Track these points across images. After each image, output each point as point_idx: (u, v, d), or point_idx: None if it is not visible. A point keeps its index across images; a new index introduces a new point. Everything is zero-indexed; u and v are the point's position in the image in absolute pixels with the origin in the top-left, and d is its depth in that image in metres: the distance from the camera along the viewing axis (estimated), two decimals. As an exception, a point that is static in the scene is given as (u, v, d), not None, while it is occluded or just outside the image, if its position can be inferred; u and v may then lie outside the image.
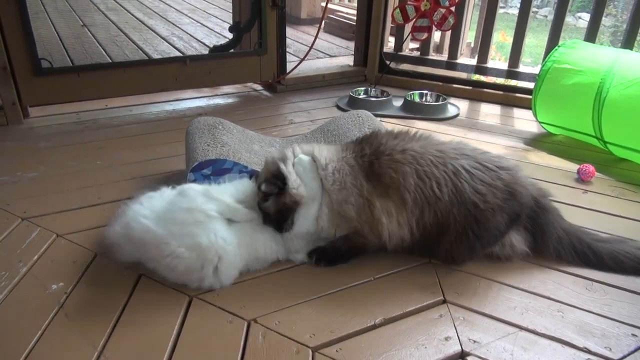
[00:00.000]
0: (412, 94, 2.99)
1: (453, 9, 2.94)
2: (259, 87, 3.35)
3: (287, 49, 3.41)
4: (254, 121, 2.70)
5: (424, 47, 3.42)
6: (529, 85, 2.99)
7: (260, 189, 1.45)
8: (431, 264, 1.53)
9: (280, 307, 1.33)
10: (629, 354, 1.21)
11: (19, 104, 2.58)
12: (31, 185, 1.97)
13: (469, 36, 4.93)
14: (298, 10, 5.53)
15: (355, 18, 3.76)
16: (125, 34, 4.49)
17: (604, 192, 1.99)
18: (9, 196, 1.86)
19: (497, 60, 5.23)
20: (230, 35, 3.36)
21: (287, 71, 3.28)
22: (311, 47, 3.41)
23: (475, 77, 3.54)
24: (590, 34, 2.79)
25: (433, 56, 3.48)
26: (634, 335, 1.26)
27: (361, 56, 3.52)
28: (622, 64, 2.20)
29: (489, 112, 2.97)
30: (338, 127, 2.06)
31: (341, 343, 1.22)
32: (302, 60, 3.36)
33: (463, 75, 3.41)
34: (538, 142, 2.52)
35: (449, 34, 3.62)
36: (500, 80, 3.24)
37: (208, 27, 5.07)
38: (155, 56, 3.76)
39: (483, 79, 3.54)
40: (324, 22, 4.14)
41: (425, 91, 3.04)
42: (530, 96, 2.58)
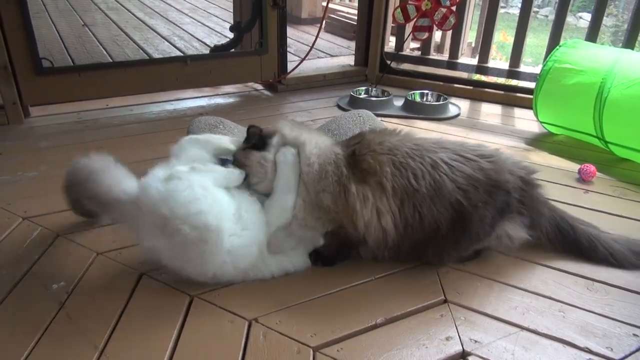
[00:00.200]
0: (413, 93, 2.99)
1: (454, 8, 2.94)
2: (259, 86, 3.35)
3: (288, 49, 3.41)
4: (254, 121, 2.68)
5: (425, 46, 3.42)
6: (530, 85, 2.99)
7: (248, 131, 1.47)
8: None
9: (281, 307, 1.33)
10: (630, 354, 1.20)
11: (20, 103, 2.58)
12: (32, 185, 1.97)
13: (469, 36, 4.93)
14: (299, 10, 5.53)
15: (356, 18, 3.76)
16: (126, 34, 4.49)
17: (605, 192, 1.99)
18: (9, 196, 1.86)
19: (498, 60, 5.23)
20: (231, 35, 3.36)
21: (288, 71, 3.28)
22: (312, 47, 3.41)
23: (476, 76, 3.54)
24: (591, 34, 2.79)
25: (434, 56, 3.49)
26: (635, 335, 1.26)
27: (362, 56, 3.52)
28: (623, 63, 2.19)
29: (490, 112, 2.97)
30: (339, 127, 2.07)
31: (342, 343, 1.22)
32: (303, 60, 3.36)
33: (464, 75, 3.41)
34: (539, 142, 2.52)
35: (449, 33, 3.62)
36: (501, 80, 3.24)
37: (209, 27, 5.07)
38: (156, 56, 3.77)
39: (484, 78, 3.54)
40: (324, 21, 4.14)
41: (426, 91, 3.03)
42: (531, 96, 2.58)
